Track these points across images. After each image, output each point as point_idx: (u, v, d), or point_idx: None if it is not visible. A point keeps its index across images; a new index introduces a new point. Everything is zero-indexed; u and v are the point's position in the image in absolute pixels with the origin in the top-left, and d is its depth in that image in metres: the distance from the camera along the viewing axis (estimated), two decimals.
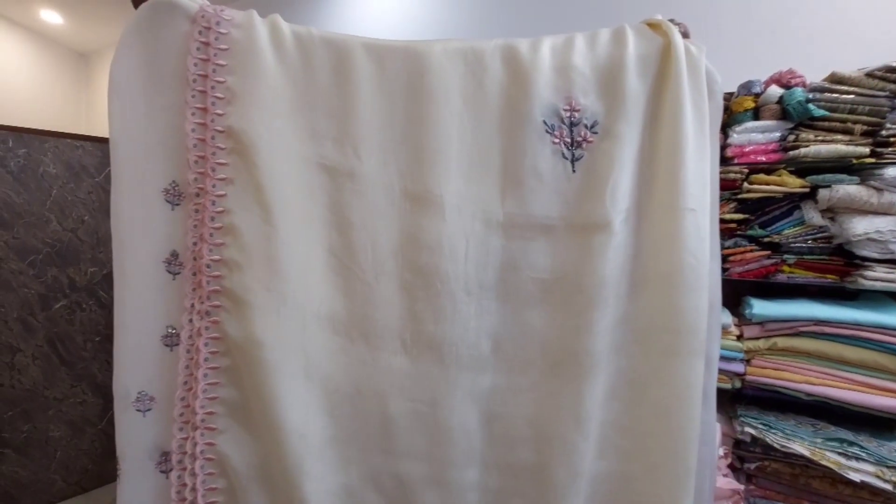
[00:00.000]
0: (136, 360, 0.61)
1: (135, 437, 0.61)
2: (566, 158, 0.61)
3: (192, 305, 0.58)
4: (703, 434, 0.61)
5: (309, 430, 0.59)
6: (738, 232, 1.30)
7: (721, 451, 1.21)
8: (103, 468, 2.46)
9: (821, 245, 1.22)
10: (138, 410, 0.61)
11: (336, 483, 0.60)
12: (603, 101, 0.60)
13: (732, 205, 1.30)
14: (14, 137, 2.11)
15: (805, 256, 1.23)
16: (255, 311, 0.56)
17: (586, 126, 0.60)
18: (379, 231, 0.59)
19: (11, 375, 2.16)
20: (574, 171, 0.60)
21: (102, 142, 2.38)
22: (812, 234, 1.23)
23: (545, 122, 0.60)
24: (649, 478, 0.61)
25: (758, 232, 1.28)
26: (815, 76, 1.25)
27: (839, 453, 1.11)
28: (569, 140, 0.61)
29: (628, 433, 0.62)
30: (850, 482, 1.15)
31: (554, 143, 0.60)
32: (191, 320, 0.58)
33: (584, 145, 0.60)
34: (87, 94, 3.25)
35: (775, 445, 1.15)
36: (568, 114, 0.59)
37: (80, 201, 2.30)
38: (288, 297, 0.57)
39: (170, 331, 0.60)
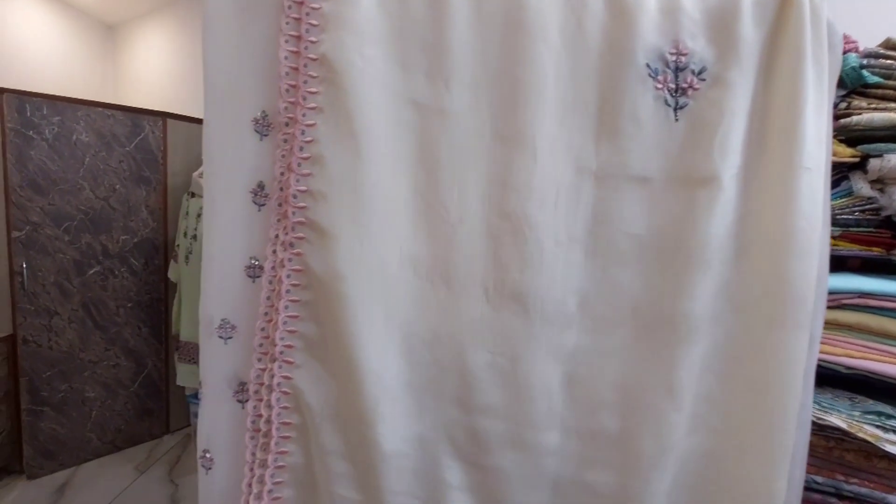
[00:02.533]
0: (220, 289, 0.61)
1: (216, 363, 0.61)
2: (669, 105, 0.57)
3: (277, 236, 0.57)
4: (799, 416, 0.58)
5: (386, 372, 0.57)
6: None
7: None
8: (135, 429, 2.56)
9: (868, 217, 1.18)
10: (220, 337, 0.62)
11: (409, 429, 0.59)
12: (713, 47, 0.56)
13: None
14: (48, 105, 2.14)
15: (851, 229, 1.19)
16: (338, 244, 0.55)
17: (693, 72, 0.56)
18: (467, 172, 0.56)
19: (49, 337, 2.23)
20: (677, 119, 0.56)
21: (133, 111, 2.41)
22: (860, 206, 1.19)
23: (648, 66, 0.56)
24: (741, 458, 0.59)
25: None
26: (870, 42, 1.20)
27: (877, 426, 1.10)
28: (673, 86, 0.57)
29: (721, 409, 0.59)
30: (885, 456, 1.13)
31: (657, 88, 0.56)
32: (274, 251, 0.57)
33: (690, 92, 0.56)
34: (115, 66, 3.27)
35: (813, 419, 1.14)
36: (674, 57, 0.55)
37: (111, 170, 2.34)
38: (372, 233, 0.55)
39: (253, 262, 0.61)
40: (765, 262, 0.56)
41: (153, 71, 3.03)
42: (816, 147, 0.56)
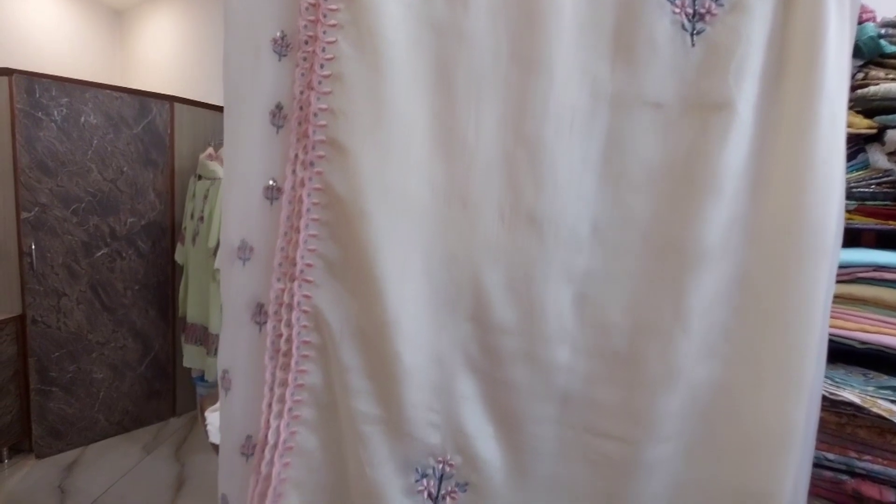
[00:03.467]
0: (239, 213, 0.61)
1: (235, 286, 0.62)
2: (685, 31, 0.55)
3: (296, 156, 0.57)
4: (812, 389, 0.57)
5: (406, 290, 0.57)
6: None
7: None
8: (143, 410, 2.58)
9: (885, 190, 1.16)
10: (239, 258, 0.62)
11: (428, 346, 0.59)
12: None
13: None
14: (57, 86, 2.15)
15: (867, 202, 1.17)
16: (358, 162, 0.54)
17: None
18: (484, 95, 0.56)
19: (58, 318, 2.25)
20: (693, 44, 0.54)
21: (140, 94, 2.41)
22: (876, 179, 1.17)
23: None
24: (756, 390, 0.57)
25: None
26: (888, 11, 1.17)
27: (892, 401, 1.07)
28: (690, 11, 0.55)
29: (735, 339, 0.58)
30: None
31: (674, 12, 0.55)
32: (294, 171, 0.57)
33: (708, 18, 0.54)
34: (123, 52, 3.28)
35: (824, 394, 1.12)
36: None
37: (119, 152, 2.35)
38: (392, 151, 0.54)
39: (271, 183, 0.60)
40: (783, 195, 0.55)
41: (160, 57, 3.04)
42: (839, 79, 0.54)
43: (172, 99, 2.48)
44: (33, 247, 2.14)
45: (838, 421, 1.17)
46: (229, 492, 0.65)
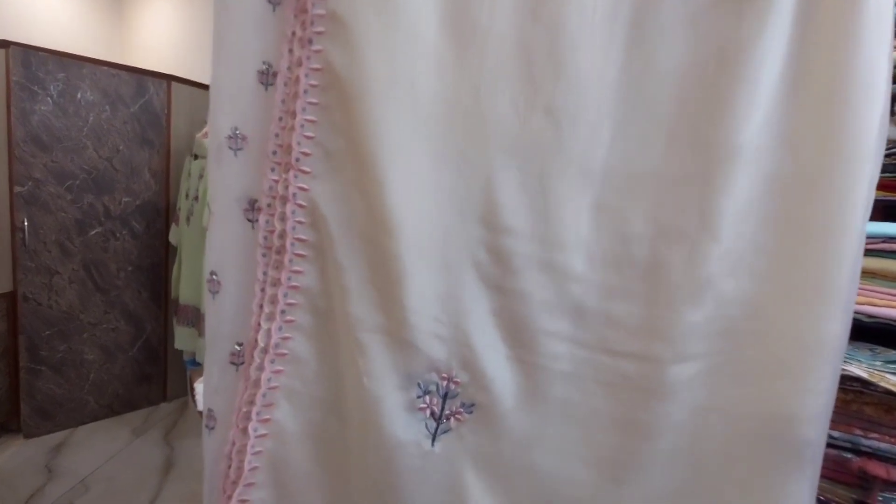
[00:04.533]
0: (230, 97, 0.56)
1: (225, 178, 0.57)
2: None
3: (294, 33, 0.52)
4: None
5: (410, 186, 0.53)
6: None
7: None
8: (133, 394, 2.54)
9: (893, 162, 1.13)
10: (230, 148, 0.57)
11: (434, 250, 0.55)
12: None
13: None
14: (54, 60, 2.13)
15: (881, 175, 1.14)
16: (362, 38, 0.49)
17: None
18: None
19: (49, 296, 2.22)
20: None
21: (138, 72, 2.39)
22: (887, 151, 1.14)
23: None
24: (787, 304, 0.52)
25: None
26: None
27: None
28: None
29: (767, 251, 0.53)
30: None
31: None
32: (291, 50, 0.52)
33: None
34: (121, 31, 3.27)
35: None
36: None
37: (115, 130, 2.33)
38: (398, 29, 0.49)
39: (265, 66, 0.56)
40: (823, 92, 0.50)
41: (159, 36, 3.01)
42: None
43: (170, 78, 2.46)
44: (26, 222, 2.11)
45: (844, 398, 1.13)
46: (216, 405, 0.61)
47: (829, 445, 1.15)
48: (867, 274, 1.11)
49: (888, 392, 1.05)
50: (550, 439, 0.57)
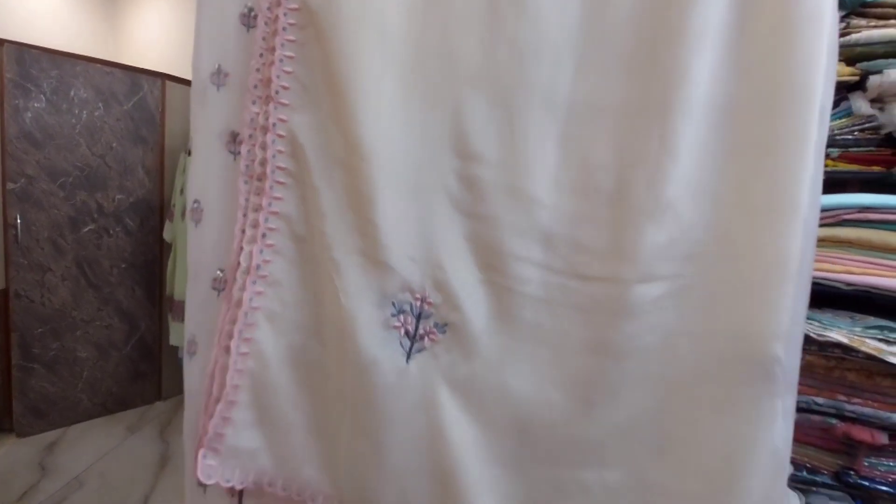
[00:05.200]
0: (213, 37, 0.60)
1: (208, 112, 0.59)
2: None
3: None
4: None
5: (383, 114, 0.55)
6: None
7: None
8: (127, 392, 2.53)
9: (868, 136, 1.17)
10: (213, 84, 0.60)
11: (406, 177, 0.57)
12: None
13: None
14: (47, 58, 2.14)
15: (850, 149, 1.18)
16: None
17: None
18: None
19: (42, 293, 2.21)
20: None
21: (132, 70, 2.40)
22: (859, 126, 1.18)
23: None
24: (748, 225, 0.53)
25: None
26: None
27: (879, 339, 1.07)
28: None
29: (724, 175, 0.55)
30: (890, 374, 1.11)
31: None
32: None
33: None
34: (115, 30, 3.28)
35: (812, 335, 1.12)
36: None
37: (108, 128, 2.34)
38: None
39: (247, 9, 0.59)
40: (770, 28, 0.52)
41: (153, 36, 3.03)
42: None
43: (164, 77, 2.48)
44: (18, 219, 2.11)
45: (826, 364, 1.17)
46: (199, 332, 0.62)
47: (814, 412, 1.19)
48: (844, 243, 1.15)
49: (869, 357, 1.09)
50: (522, 361, 0.59)
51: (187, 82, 2.58)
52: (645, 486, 0.57)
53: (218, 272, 0.61)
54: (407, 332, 0.60)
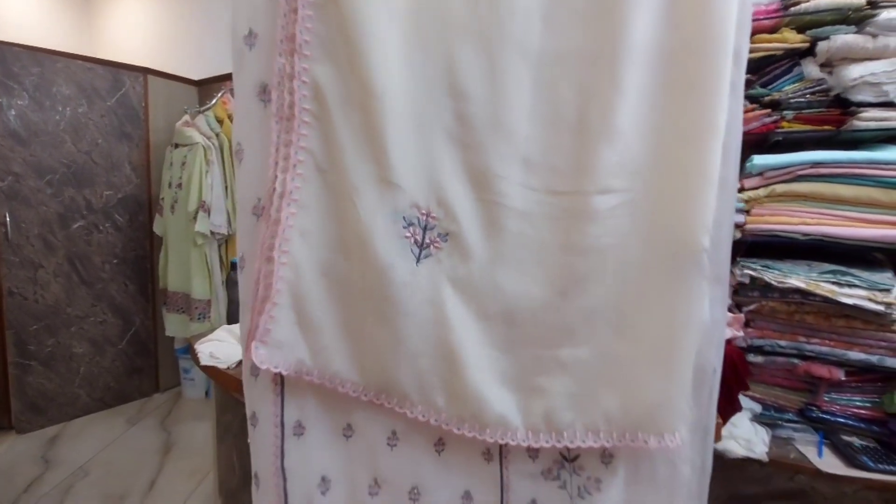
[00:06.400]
0: (244, 7, 0.69)
1: (244, 70, 0.69)
2: None
3: None
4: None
5: (390, 63, 0.65)
6: None
7: None
8: (125, 386, 2.56)
9: (819, 98, 1.27)
10: (246, 45, 0.69)
11: (411, 115, 0.67)
12: None
13: None
14: (27, 55, 2.15)
15: (803, 111, 1.28)
16: None
17: None
18: None
19: (35, 290, 2.23)
20: None
21: (113, 66, 2.41)
22: (810, 89, 1.27)
23: None
24: (678, 144, 0.65)
25: (759, 91, 1.33)
26: None
27: (833, 283, 1.17)
28: None
29: (660, 108, 0.66)
30: (843, 315, 1.21)
31: None
32: None
33: None
34: (91, 25, 3.26)
35: (773, 283, 1.22)
36: None
37: (93, 124, 2.35)
38: None
39: None
40: None
41: (132, 31, 3.03)
42: None
43: (146, 71, 2.49)
44: (7, 217, 2.12)
45: (788, 309, 1.27)
46: (246, 251, 0.72)
47: (777, 354, 1.30)
48: (799, 197, 1.25)
49: (825, 300, 1.19)
50: (509, 263, 0.70)
51: (169, 76, 2.60)
52: (608, 358, 0.70)
53: (257, 199, 0.71)
54: (416, 241, 0.70)
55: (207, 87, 2.64)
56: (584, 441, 0.70)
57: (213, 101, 2.36)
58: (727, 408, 1.08)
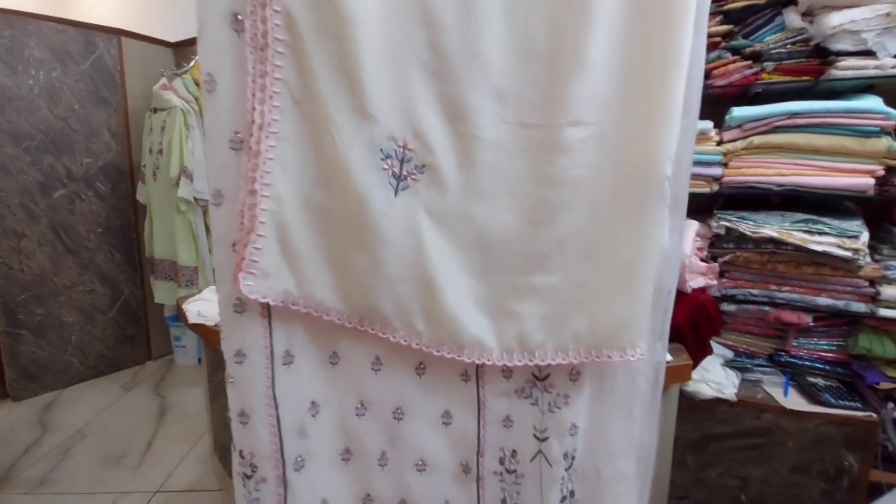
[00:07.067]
0: None
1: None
2: None
3: None
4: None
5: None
6: (723, 44, 1.34)
7: (698, 243, 1.31)
8: (118, 354, 2.59)
9: (799, 48, 1.27)
10: None
11: (385, 46, 0.67)
12: None
13: (718, 18, 1.34)
14: None
15: (784, 62, 1.28)
16: None
17: None
18: None
19: (20, 260, 2.22)
20: None
21: (85, 27, 2.33)
22: (791, 39, 1.28)
23: None
24: (644, 75, 0.66)
25: (741, 42, 1.33)
26: None
27: (804, 231, 1.21)
28: None
29: (626, 46, 0.68)
30: (814, 263, 1.26)
31: None
32: None
33: None
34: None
35: (747, 233, 1.25)
36: None
37: (68, 89, 2.28)
38: None
39: None
40: None
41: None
42: None
43: (119, 33, 2.41)
44: None
45: (761, 259, 1.31)
46: (222, 184, 0.71)
47: (750, 302, 1.34)
48: (775, 148, 1.27)
49: (797, 248, 1.23)
50: (484, 194, 0.73)
51: (144, 38, 2.51)
52: (577, 284, 0.73)
53: (234, 133, 0.69)
54: (394, 174, 0.72)
55: (184, 50, 2.56)
56: (555, 359, 0.74)
57: (191, 63, 2.30)
58: (699, 352, 1.12)
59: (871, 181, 1.18)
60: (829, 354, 1.34)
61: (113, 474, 1.75)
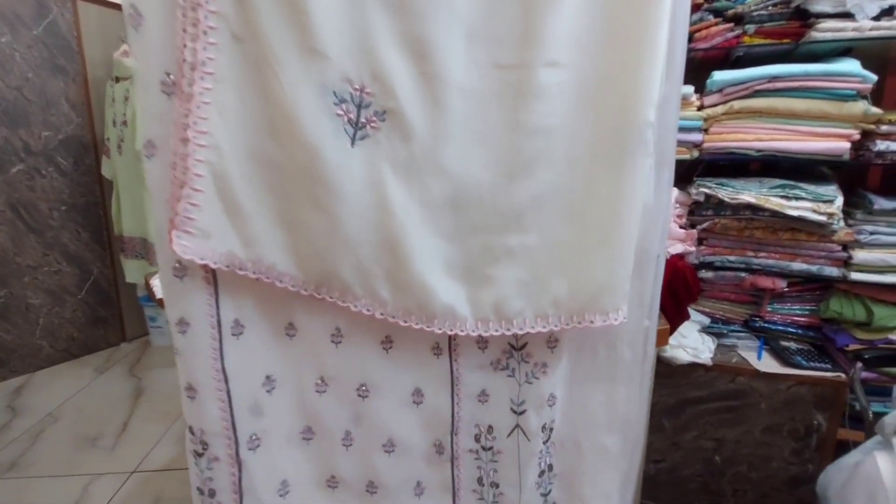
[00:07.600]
0: None
1: None
2: None
3: None
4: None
5: None
6: (705, 6, 1.31)
7: (677, 210, 1.31)
8: (90, 337, 2.51)
9: (780, 10, 1.25)
10: None
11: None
12: None
13: None
14: None
15: (765, 24, 1.26)
16: None
17: None
18: None
19: None
20: None
21: None
22: (772, 0, 1.26)
23: None
24: (627, 16, 0.62)
25: (723, 4, 1.30)
26: None
27: (781, 196, 1.22)
28: None
29: (606, 29, 0.64)
30: (789, 228, 1.27)
31: None
32: None
33: None
34: None
35: (726, 200, 1.25)
36: None
37: (20, 56, 2.14)
38: None
39: None
40: None
41: None
42: None
43: None
44: None
45: (738, 225, 1.31)
46: (155, 135, 0.65)
47: (727, 269, 1.35)
48: (755, 113, 1.26)
49: (773, 213, 1.23)
50: (453, 144, 0.66)
51: (101, 2, 2.35)
52: (555, 244, 0.69)
53: (165, 75, 0.62)
54: (350, 121, 0.65)
55: None
56: (534, 327, 0.70)
57: None
58: (676, 318, 1.13)
59: (847, 145, 1.18)
60: (802, 319, 1.36)
61: (87, 456, 1.72)
